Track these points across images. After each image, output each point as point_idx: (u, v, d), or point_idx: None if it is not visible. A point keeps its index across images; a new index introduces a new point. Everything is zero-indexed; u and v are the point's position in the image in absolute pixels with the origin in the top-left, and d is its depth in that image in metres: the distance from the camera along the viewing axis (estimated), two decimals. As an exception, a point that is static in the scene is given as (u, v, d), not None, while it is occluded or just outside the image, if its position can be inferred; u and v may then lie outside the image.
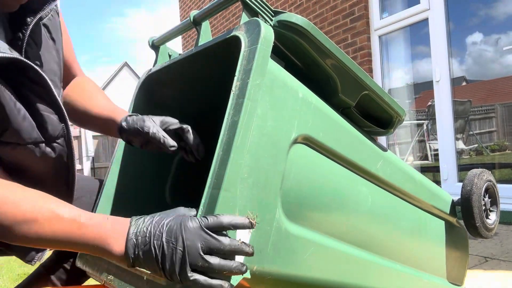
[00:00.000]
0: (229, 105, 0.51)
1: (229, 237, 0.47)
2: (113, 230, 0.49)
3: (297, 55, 0.67)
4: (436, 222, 1.06)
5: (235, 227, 0.47)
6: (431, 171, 3.19)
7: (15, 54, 0.55)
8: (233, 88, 0.51)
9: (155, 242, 0.46)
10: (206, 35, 0.70)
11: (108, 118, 0.78)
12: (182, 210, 0.51)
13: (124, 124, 0.74)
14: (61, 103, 0.64)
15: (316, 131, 0.63)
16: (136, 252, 0.47)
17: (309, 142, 0.63)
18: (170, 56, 0.90)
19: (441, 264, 1.08)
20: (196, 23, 0.70)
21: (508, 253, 1.84)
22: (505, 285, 1.48)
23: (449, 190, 1.19)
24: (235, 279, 0.48)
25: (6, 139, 0.56)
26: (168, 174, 0.99)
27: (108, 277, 0.64)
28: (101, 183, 0.89)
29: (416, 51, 3.28)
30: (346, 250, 0.72)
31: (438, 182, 2.80)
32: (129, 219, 0.50)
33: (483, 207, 1.08)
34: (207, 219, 0.47)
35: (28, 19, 0.62)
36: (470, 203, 1.04)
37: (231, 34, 0.57)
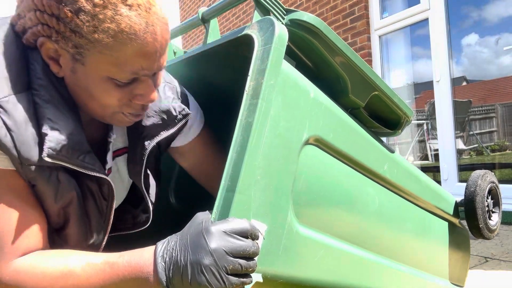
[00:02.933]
0: (242, 105, 0.50)
1: (251, 240, 0.47)
2: (143, 258, 0.48)
3: (307, 54, 0.66)
4: (439, 223, 1.06)
5: (256, 233, 0.48)
6: (431, 171, 3.20)
7: (101, 172, 0.58)
8: (246, 88, 0.50)
9: (181, 258, 0.45)
10: (215, 33, 0.69)
11: None
12: (200, 216, 0.49)
13: None
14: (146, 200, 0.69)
15: (326, 132, 0.62)
16: (167, 273, 0.46)
17: (320, 143, 0.63)
18: (175, 53, 0.88)
19: (444, 265, 1.09)
20: (205, 20, 0.69)
21: (508, 253, 1.85)
22: (505, 285, 1.49)
23: (449, 190, 1.19)
24: (248, 284, 0.47)
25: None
26: (171, 174, 0.98)
27: None
28: None
29: (416, 51, 3.29)
30: (354, 252, 0.72)
31: (438, 182, 2.81)
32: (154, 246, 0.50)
33: (486, 208, 1.08)
34: (229, 223, 0.46)
35: (146, 143, 0.64)
36: (474, 205, 1.04)
37: (243, 33, 0.56)
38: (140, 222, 0.74)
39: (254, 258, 0.47)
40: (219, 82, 0.79)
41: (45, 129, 0.50)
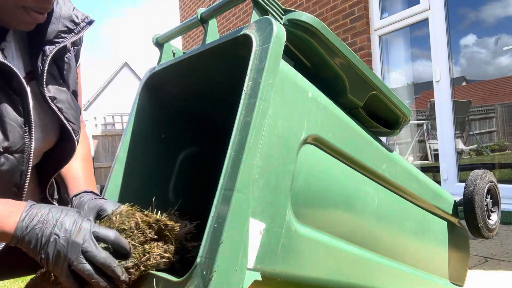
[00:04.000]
0: (240, 105, 0.50)
1: (109, 254, 0.49)
2: (7, 210, 0.49)
3: (306, 54, 0.67)
4: (438, 222, 1.06)
5: (118, 245, 0.49)
6: (431, 171, 3.20)
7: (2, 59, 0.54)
8: (244, 87, 0.51)
9: (43, 228, 0.47)
10: (213, 33, 0.69)
11: (66, 186, 0.76)
12: (109, 204, 0.53)
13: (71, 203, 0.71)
14: (62, 123, 0.65)
15: (325, 131, 0.63)
16: (22, 234, 0.47)
17: (318, 142, 0.63)
18: (174, 54, 0.88)
19: (443, 265, 1.09)
20: (203, 21, 0.69)
21: (508, 253, 1.85)
22: (505, 285, 1.49)
23: (449, 190, 1.19)
24: (246, 283, 0.47)
25: None
26: (171, 173, 0.98)
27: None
28: (102, 188, 0.88)
29: (416, 51, 3.29)
30: (352, 251, 0.72)
31: (438, 182, 2.80)
32: (26, 202, 0.51)
33: (485, 208, 1.08)
34: (99, 228, 0.49)
35: (47, 48, 0.62)
36: (473, 204, 1.04)
37: (242, 33, 0.56)
38: (65, 152, 0.70)
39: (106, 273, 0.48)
40: (218, 82, 0.79)
41: None
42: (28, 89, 0.59)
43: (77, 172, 0.78)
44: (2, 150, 0.58)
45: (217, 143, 0.96)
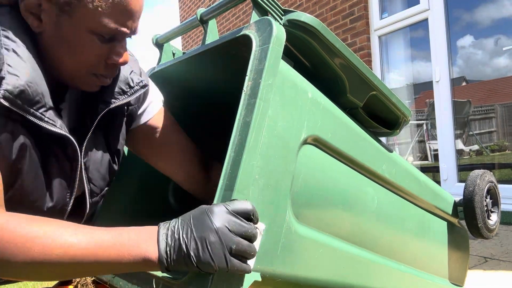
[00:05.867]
0: (240, 105, 0.50)
1: (252, 223, 0.47)
2: (142, 236, 0.46)
3: (305, 54, 0.67)
4: (438, 222, 1.06)
5: (256, 214, 0.47)
6: (431, 171, 3.20)
7: (63, 130, 0.56)
8: (244, 88, 0.51)
9: (184, 235, 0.44)
10: (213, 33, 0.70)
11: None
12: (204, 206, 0.49)
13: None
14: (81, 180, 0.64)
15: (324, 131, 0.63)
16: (169, 251, 0.45)
17: (318, 143, 0.63)
18: (174, 54, 0.88)
19: (443, 265, 1.09)
20: (203, 21, 0.69)
21: (508, 253, 1.85)
22: (505, 285, 1.49)
23: (449, 190, 1.19)
24: (246, 283, 0.47)
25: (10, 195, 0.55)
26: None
27: (114, 278, 0.63)
28: None
29: (415, 51, 3.29)
30: (352, 251, 0.72)
31: (438, 182, 2.81)
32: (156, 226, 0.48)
33: (485, 208, 1.08)
34: (231, 204, 0.46)
35: (99, 106, 0.64)
36: (473, 204, 1.04)
37: (241, 33, 0.56)
38: (79, 212, 0.68)
39: (254, 243, 0.47)
40: (217, 83, 0.80)
41: (4, 73, 0.49)
42: (80, 156, 0.61)
43: None
44: (45, 210, 0.59)
45: (216, 144, 0.96)
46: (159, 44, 0.87)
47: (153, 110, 0.75)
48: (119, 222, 0.69)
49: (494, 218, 1.13)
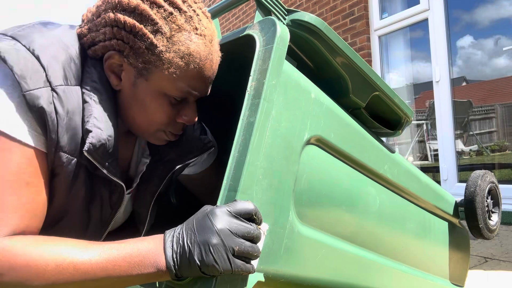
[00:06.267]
0: (244, 105, 0.50)
1: (254, 223, 0.47)
2: (148, 246, 0.47)
3: (308, 54, 0.66)
4: (439, 223, 1.06)
5: (258, 214, 0.48)
6: (431, 171, 3.20)
7: (121, 179, 0.59)
8: (248, 88, 0.51)
9: (188, 240, 0.45)
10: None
11: None
12: (207, 206, 0.49)
13: None
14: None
15: (327, 132, 0.63)
16: (175, 259, 0.45)
17: (321, 143, 0.63)
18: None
19: (444, 265, 1.09)
20: (206, 21, 0.69)
21: (508, 253, 1.85)
22: (505, 285, 1.49)
23: (449, 191, 1.19)
24: (250, 284, 0.47)
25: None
26: (172, 174, 0.98)
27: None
28: None
29: (415, 51, 3.30)
30: (354, 251, 0.72)
31: (438, 182, 2.79)
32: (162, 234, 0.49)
33: (486, 209, 1.08)
34: (233, 205, 0.47)
35: (177, 167, 0.67)
36: (474, 205, 1.04)
37: (245, 33, 0.56)
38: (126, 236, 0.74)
39: (257, 244, 0.47)
40: (219, 82, 0.79)
41: (90, 126, 0.53)
42: (123, 204, 0.64)
43: None
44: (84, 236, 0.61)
45: (218, 143, 0.96)
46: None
47: (206, 164, 0.79)
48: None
49: (495, 218, 1.13)
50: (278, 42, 0.51)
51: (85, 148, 0.52)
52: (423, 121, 3.46)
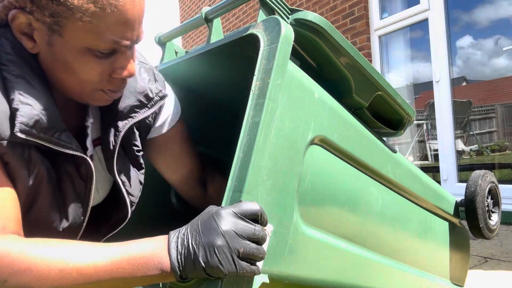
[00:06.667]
0: (248, 105, 0.50)
1: (260, 224, 0.46)
2: (152, 247, 0.46)
3: (311, 54, 0.66)
4: (440, 223, 1.06)
5: (264, 216, 0.46)
6: (431, 171, 3.21)
7: (79, 151, 0.55)
8: (252, 88, 0.50)
9: (193, 241, 0.44)
10: (218, 32, 0.69)
11: None
12: (212, 207, 0.48)
13: None
14: (122, 195, 0.64)
15: (331, 132, 0.62)
16: (180, 260, 0.44)
17: (324, 143, 0.63)
18: (176, 53, 0.88)
19: (445, 265, 1.09)
20: (208, 20, 0.69)
21: (508, 253, 1.85)
22: (505, 285, 1.49)
23: (449, 190, 1.19)
24: (255, 285, 0.47)
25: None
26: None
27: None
28: None
29: (415, 51, 3.30)
30: (356, 252, 0.72)
31: (438, 182, 2.80)
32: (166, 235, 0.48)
33: (486, 208, 1.08)
34: (238, 205, 0.45)
35: (120, 124, 0.61)
36: (474, 204, 1.04)
37: (248, 32, 0.55)
38: (117, 219, 0.69)
39: (263, 245, 0.46)
40: (221, 82, 0.79)
41: (16, 104, 0.48)
42: (94, 175, 0.60)
43: None
44: (61, 230, 0.59)
45: (219, 143, 0.96)
46: (162, 43, 0.87)
47: (171, 122, 0.73)
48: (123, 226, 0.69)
49: (495, 218, 1.14)
50: (283, 41, 0.51)
51: (16, 129, 0.47)
52: (423, 121, 3.46)
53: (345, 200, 0.67)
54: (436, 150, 2.97)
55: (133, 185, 0.67)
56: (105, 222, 0.70)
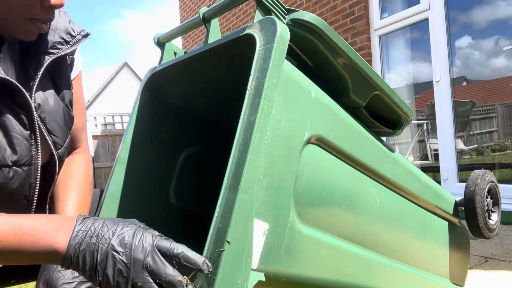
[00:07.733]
0: (244, 104, 0.50)
1: (176, 269, 0.43)
2: (55, 227, 0.43)
3: (308, 53, 0.66)
4: (439, 222, 1.06)
5: (186, 261, 0.43)
6: (431, 171, 3.20)
7: (3, 75, 0.54)
8: (248, 87, 0.51)
9: (97, 243, 0.41)
10: (216, 33, 0.69)
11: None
12: (137, 222, 0.46)
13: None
14: (42, 134, 0.62)
15: (327, 131, 0.63)
16: (76, 252, 0.41)
17: (321, 142, 0.63)
18: (175, 53, 0.88)
19: (444, 265, 1.09)
20: (206, 20, 0.69)
21: (508, 253, 1.85)
22: (505, 285, 1.49)
23: (449, 190, 1.20)
24: (251, 283, 0.47)
25: None
26: (172, 173, 0.98)
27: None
28: (101, 192, 0.87)
29: (416, 51, 3.29)
30: (354, 251, 0.72)
31: (438, 182, 2.80)
32: (76, 216, 0.45)
33: (486, 208, 1.08)
34: (163, 240, 0.43)
35: (42, 59, 0.61)
36: (474, 204, 1.04)
37: (245, 32, 0.56)
38: (50, 170, 0.66)
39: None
40: (219, 82, 0.79)
41: None
42: (32, 102, 0.59)
43: (65, 211, 0.71)
44: (10, 164, 0.56)
45: (218, 143, 0.96)
46: (161, 43, 0.87)
47: (75, 72, 0.73)
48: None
49: (494, 218, 1.14)
50: (278, 41, 0.51)
51: None
52: (423, 121, 3.46)
53: (342, 199, 0.67)
54: (436, 149, 2.96)
55: (56, 125, 0.65)
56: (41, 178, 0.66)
